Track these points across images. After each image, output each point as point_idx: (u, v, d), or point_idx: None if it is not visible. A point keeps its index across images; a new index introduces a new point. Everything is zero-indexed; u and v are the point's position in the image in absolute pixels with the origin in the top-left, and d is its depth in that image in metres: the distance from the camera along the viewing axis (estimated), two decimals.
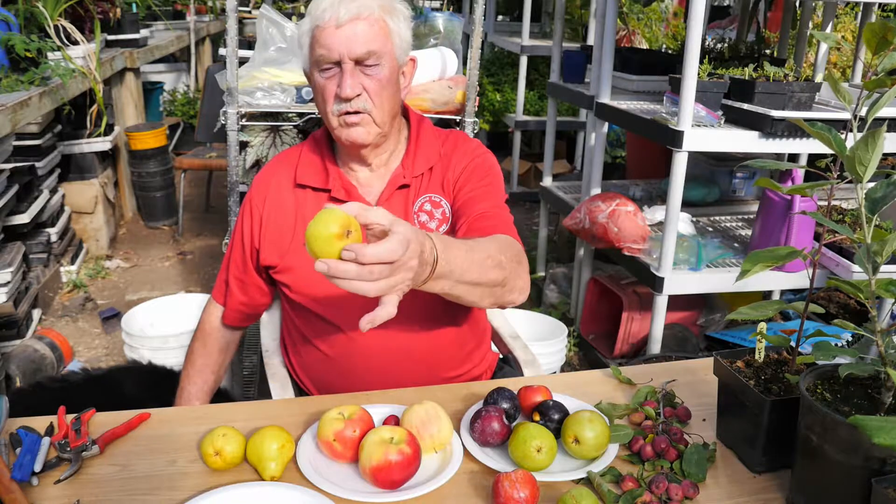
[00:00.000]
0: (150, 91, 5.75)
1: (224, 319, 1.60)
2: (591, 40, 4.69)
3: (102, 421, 1.19)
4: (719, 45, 3.43)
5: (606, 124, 3.00)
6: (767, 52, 3.55)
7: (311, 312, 1.46)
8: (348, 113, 1.36)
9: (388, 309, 0.98)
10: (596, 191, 3.02)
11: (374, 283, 0.93)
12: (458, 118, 2.26)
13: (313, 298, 1.45)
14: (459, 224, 1.42)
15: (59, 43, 3.42)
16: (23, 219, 3.15)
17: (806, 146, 2.43)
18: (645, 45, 5.80)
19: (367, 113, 1.36)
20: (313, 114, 2.23)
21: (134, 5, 4.59)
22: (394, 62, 1.39)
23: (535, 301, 3.63)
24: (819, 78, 2.62)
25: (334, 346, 1.45)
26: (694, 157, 2.49)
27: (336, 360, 1.46)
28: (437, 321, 1.46)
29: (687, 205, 2.97)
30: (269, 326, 1.71)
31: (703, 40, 3.03)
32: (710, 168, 3.37)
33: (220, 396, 1.63)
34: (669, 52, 5.19)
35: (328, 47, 1.33)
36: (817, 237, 2.52)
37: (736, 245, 2.84)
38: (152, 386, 1.85)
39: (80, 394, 1.77)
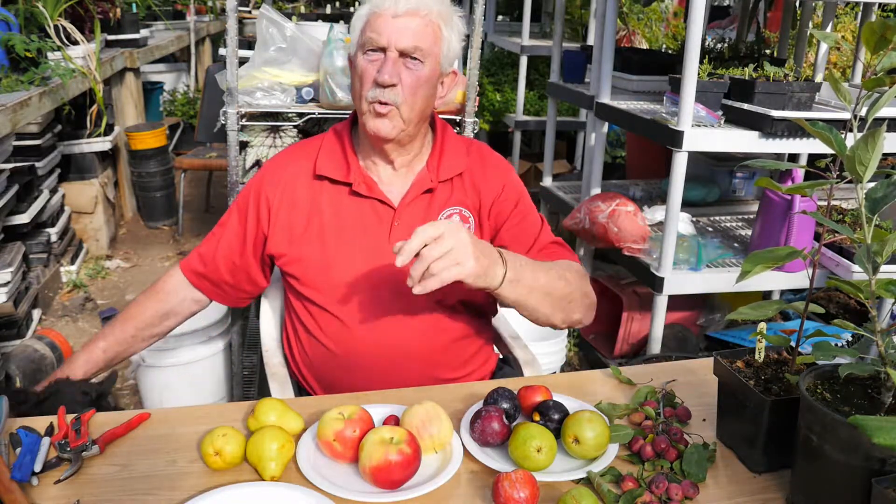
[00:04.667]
0: (150, 91, 5.74)
1: (199, 286, 1.55)
2: (591, 40, 4.69)
3: (102, 421, 1.19)
4: (719, 45, 3.43)
5: (606, 124, 3.00)
6: (767, 52, 3.55)
7: (317, 305, 1.46)
8: (380, 102, 1.37)
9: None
10: (596, 191, 3.02)
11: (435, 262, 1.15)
12: (458, 118, 2.26)
13: (321, 291, 1.45)
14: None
15: (59, 43, 3.42)
16: (23, 219, 3.15)
17: (806, 146, 2.42)
18: (645, 45, 5.79)
19: (396, 107, 1.37)
20: (313, 114, 2.23)
21: (134, 5, 4.59)
22: (436, 66, 1.42)
23: None
24: (819, 78, 2.62)
25: (338, 341, 1.45)
26: (694, 157, 2.49)
27: (339, 354, 1.46)
28: (439, 323, 1.46)
29: (687, 205, 2.97)
30: (269, 326, 1.70)
31: (703, 40, 3.03)
32: (710, 168, 3.37)
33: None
34: (669, 52, 5.19)
35: (378, 32, 1.36)
36: (817, 237, 2.51)
37: (736, 245, 2.84)
38: None
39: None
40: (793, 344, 1.14)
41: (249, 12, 6.06)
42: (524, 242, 1.50)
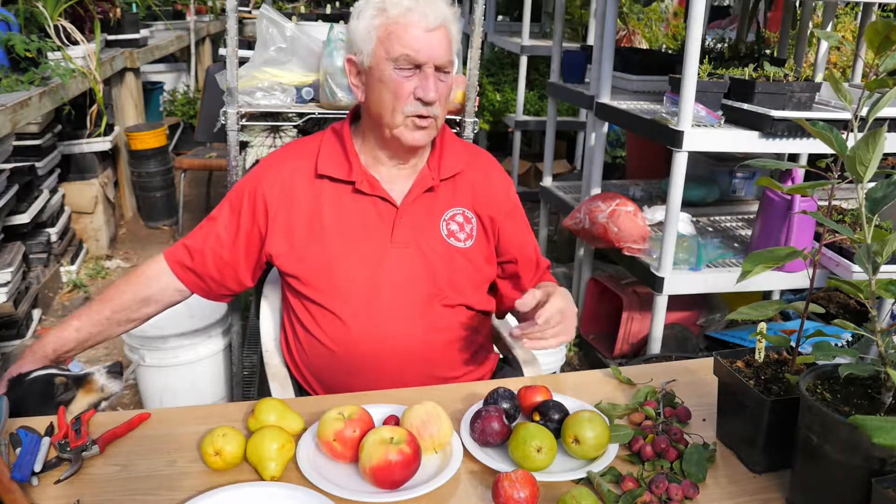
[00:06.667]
0: (150, 91, 5.74)
1: (182, 278, 1.51)
2: (591, 40, 4.69)
3: (102, 421, 1.19)
4: (719, 45, 3.43)
5: (606, 124, 3.00)
6: (767, 52, 3.55)
7: (317, 305, 1.46)
8: (421, 116, 1.38)
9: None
10: (596, 191, 3.02)
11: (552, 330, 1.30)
12: (458, 118, 2.26)
13: (321, 290, 1.45)
14: (524, 272, 1.60)
15: (59, 43, 3.42)
16: (23, 219, 3.15)
17: (806, 146, 2.42)
18: (645, 45, 5.79)
19: (435, 118, 1.40)
20: (313, 114, 2.23)
21: (134, 5, 4.59)
22: (453, 72, 1.45)
23: None
24: (819, 78, 2.62)
25: (338, 341, 1.45)
26: (694, 157, 2.49)
27: (339, 354, 1.46)
28: (439, 323, 1.46)
29: (687, 205, 2.97)
30: (269, 326, 1.70)
31: (703, 40, 3.03)
32: (710, 168, 3.37)
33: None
34: (669, 52, 5.19)
35: (415, 49, 1.34)
36: (817, 237, 2.51)
37: (736, 245, 2.84)
38: None
39: None
40: (793, 344, 1.14)
41: (249, 12, 6.05)
42: (530, 266, 1.60)
